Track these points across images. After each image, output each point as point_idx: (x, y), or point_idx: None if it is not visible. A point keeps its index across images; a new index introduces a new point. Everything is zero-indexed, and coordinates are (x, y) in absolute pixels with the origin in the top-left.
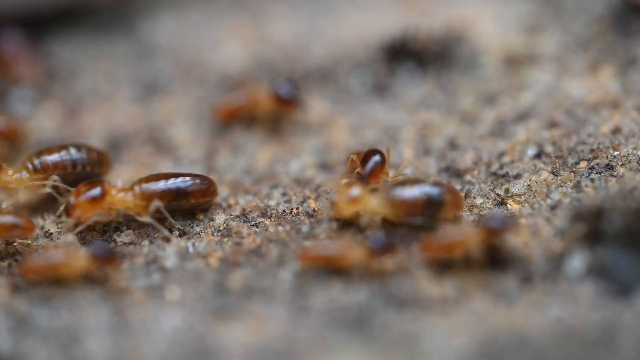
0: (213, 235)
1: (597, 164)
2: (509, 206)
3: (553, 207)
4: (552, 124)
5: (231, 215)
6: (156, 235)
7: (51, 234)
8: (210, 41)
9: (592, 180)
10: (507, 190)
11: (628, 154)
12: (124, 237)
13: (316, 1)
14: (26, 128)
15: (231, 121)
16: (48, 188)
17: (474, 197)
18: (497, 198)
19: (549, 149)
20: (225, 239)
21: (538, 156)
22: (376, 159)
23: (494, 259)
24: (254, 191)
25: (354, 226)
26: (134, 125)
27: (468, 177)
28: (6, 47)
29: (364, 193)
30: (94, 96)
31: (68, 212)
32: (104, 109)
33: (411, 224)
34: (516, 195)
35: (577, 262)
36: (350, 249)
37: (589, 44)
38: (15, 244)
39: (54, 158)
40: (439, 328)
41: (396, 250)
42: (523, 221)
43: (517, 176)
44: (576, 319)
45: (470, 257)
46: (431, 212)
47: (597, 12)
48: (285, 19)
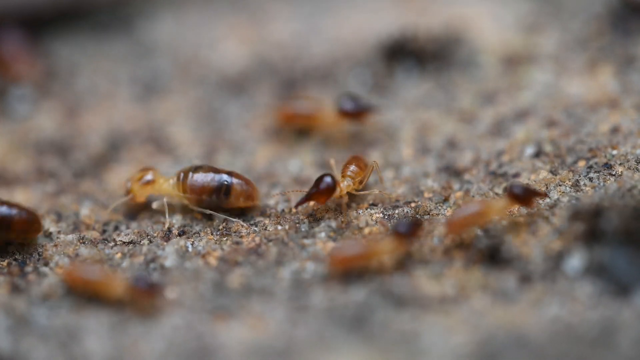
0: (212, 234)
1: (596, 163)
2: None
3: (552, 206)
4: (551, 123)
5: (230, 214)
6: (157, 235)
7: (50, 234)
8: (209, 40)
9: (591, 179)
10: (506, 189)
11: (626, 153)
12: (124, 237)
13: (315, 1)
14: None
15: (287, 126)
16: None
17: (473, 196)
18: (496, 197)
19: (548, 148)
20: (224, 238)
21: (537, 155)
22: (327, 181)
23: (493, 258)
24: None
25: (354, 225)
26: (134, 124)
27: (467, 176)
28: (6, 47)
29: (158, 177)
30: (94, 96)
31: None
32: (104, 109)
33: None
34: None
35: (576, 261)
36: (377, 242)
37: (588, 43)
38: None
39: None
40: (438, 326)
41: (423, 229)
42: (522, 220)
43: (516, 175)
44: (575, 318)
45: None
46: (220, 199)
47: (596, 12)
48: (284, 19)
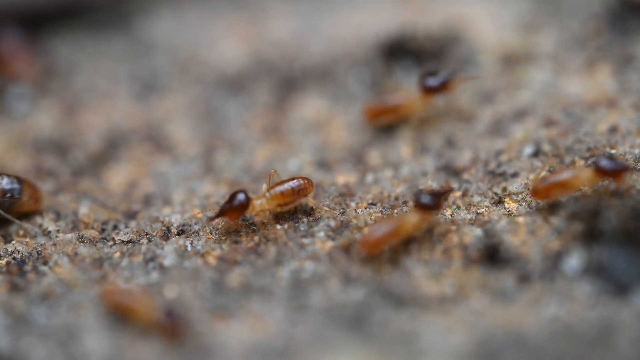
0: (211, 233)
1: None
2: (507, 205)
3: (550, 206)
4: (550, 123)
5: None
6: (156, 234)
7: (49, 232)
8: (208, 39)
9: None
10: (505, 188)
11: (625, 153)
12: (123, 236)
13: None
14: None
15: (378, 121)
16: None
17: (472, 196)
18: (495, 196)
19: (546, 148)
20: (223, 237)
21: (535, 155)
22: (239, 198)
23: (492, 258)
24: (252, 189)
25: (352, 225)
26: (132, 123)
27: (465, 176)
28: (4, 45)
29: None
30: (92, 94)
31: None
32: (102, 107)
33: None
34: (514, 193)
35: (575, 261)
36: (404, 218)
37: (586, 43)
38: (13, 242)
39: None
40: (437, 326)
41: (447, 198)
42: (520, 220)
43: (515, 175)
44: (573, 318)
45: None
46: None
47: (594, 11)
48: (283, 17)
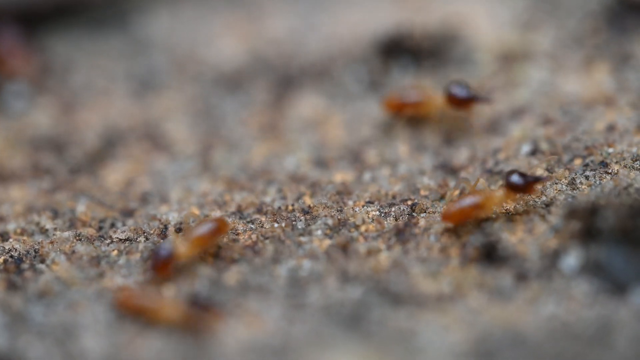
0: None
1: (592, 161)
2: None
3: (548, 204)
4: (547, 121)
5: (227, 211)
6: (153, 232)
7: (47, 230)
8: (205, 37)
9: (587, 177)
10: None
11: (622, 151)
12: (120, 234)
13: None
14: None
15: (398, 114)
16: None
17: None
18: None
19: (544, 146)
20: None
21: (533, 153)
22: (161, 254)
23: (489, 256)
24: (250, 187)
25: (350, 224)
26: (129, 121)
27: (463, 174)
28: (1, 43)
29: None
30: (89, 92)
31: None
32: (100, 105)
33: None
34: None
35: (572, 259)
36: (491, 194)
37: (584, 41)
38: (10, 240)
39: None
40: (435, 324)
41: (539, 183)
42: (518, 218)
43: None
44: (571, 316)
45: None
46: None
47: (592, 9)
48: (280, 15)
